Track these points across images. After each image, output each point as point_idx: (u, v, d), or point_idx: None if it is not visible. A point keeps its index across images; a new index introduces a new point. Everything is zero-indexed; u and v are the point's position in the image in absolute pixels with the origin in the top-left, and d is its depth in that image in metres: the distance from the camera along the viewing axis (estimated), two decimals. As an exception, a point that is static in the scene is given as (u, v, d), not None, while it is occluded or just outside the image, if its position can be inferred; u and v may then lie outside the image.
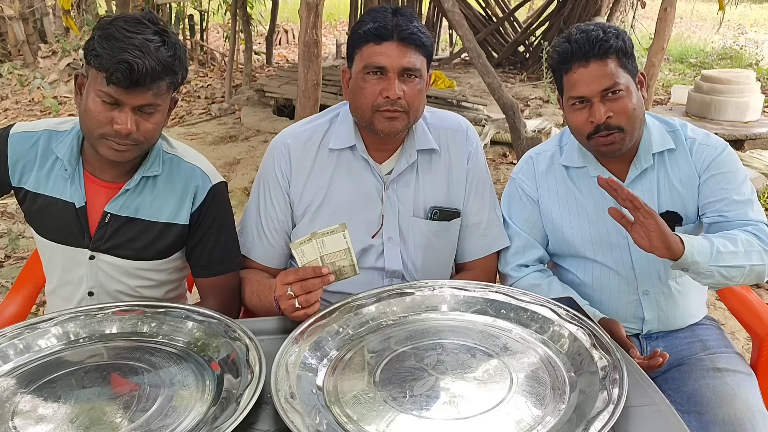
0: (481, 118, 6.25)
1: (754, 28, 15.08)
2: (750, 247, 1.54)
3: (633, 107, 1.60)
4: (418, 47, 1.57)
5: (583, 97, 1.60)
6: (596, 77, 1.58)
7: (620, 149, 1.63)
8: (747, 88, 6.41)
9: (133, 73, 1.37)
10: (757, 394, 1.60)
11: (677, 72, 10.36)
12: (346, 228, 1.39)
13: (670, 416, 1.12)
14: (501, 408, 1.12)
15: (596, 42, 1.57)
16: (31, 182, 1.59)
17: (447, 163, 1.74)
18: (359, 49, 1.59)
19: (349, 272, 1.43)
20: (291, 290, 1.38)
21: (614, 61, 1.58)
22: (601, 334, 1.28)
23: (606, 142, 1.61)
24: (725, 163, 1.65)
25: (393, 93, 1.55)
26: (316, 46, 3.69)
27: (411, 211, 1.71)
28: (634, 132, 1.63)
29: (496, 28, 10.54)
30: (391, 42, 1.55)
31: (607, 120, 1.58)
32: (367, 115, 1.60)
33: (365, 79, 1.57)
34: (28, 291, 1.92)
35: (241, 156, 5.97)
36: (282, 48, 12.87)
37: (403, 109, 1.57)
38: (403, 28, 1.55)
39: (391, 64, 1.55)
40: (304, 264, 1.40)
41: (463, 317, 1.44)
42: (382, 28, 1.55)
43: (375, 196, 1.70)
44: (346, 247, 1.40)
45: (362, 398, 1.17)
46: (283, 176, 1.71)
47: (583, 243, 1.76)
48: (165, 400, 1.18)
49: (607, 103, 1.59)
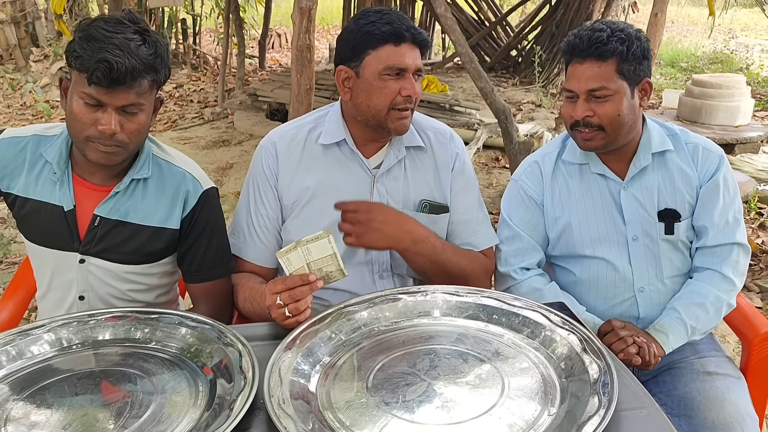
0: (474, 123, 6.27)
1: (744, 32, 15.20)
2: (718, 304, 1.70)
3: (618, 112, 1.63)
4: (424, 50, 1.65)
5: (573, 91, 1.66)
6: (587, 77, 1.63)
7: (597, 148, 1.69)
8: (737, 93, 6.44)
9: (113, 71, 1.37)
10: (746, 398, 1.62)
11: (668, 76, 10.43)
12: (330, 233, 1.39)
13: (660, 420, 1.13)
14: (493, 413, 1.13)
15: (595, 43, 1.61)
16: (19, 187, 1.59)
17: (433, 162, 1.77)
18: (374, 50, 1.60)
19: (338, 276, 1.43)
20: (280, 299, 1.38)
21: (611, 65, 1.61)
22: (592, 338, 1.29)
23: (584, 136, 1.68)
24: (725, 179, 1.73)
25: (414, 92, 1.62)
26: (309, 50, 3.69)
27: (400, 204, 1.73)
28: (618, 135, 1.66)
29: (488, 32, 10.56)
30: (407, 43, 1.61)
31: (586, 118, 1.64)
32: (381, 114, 1.63)
33: (385, 80, 1.60)
34: (20, 297, 1.91)
35: (233, 160, 5.97)
36: (275, 52, 12.86)
37: (413, 106, 1.65)
38: (415, 31, 1.62)
39: (410, 64, 1.61)
40: (291, 272, 1.40)
41: (456, 322, 1.44)
42: (400, 30, 1.60)
43: (364, 189, 1.72)
44: (331, 253, 1.40)
45: (355, 404, 1.18)
46: (271, 173, 1.73)
47: (583, 240, 1.78)
48: (158, 406, 1.18)
49: (592, 103, 1.64)
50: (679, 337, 1.66)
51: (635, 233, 1.73)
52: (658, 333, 1.66)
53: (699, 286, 1.71)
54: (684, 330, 1.66)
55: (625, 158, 1.74)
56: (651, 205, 1.73)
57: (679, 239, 1.73)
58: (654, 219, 1.72)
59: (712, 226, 1.70)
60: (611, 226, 1.75)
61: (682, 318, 1.67)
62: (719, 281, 1.70)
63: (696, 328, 1.67)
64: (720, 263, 1.71)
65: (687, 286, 1.75)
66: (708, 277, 1.71)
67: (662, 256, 1.73)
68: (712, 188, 1.71)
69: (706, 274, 1.72)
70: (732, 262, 1.71)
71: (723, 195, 1.71)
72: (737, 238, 1.71)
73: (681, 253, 1.75)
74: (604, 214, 1.76)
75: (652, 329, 1.68)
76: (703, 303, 1.68)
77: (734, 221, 1.72)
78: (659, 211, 1.72)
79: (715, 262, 1.71)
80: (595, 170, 1.76)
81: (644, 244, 1.73)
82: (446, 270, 1.69)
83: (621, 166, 1.75)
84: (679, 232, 1.72)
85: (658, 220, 1.72)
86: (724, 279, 1.70)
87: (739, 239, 1.72)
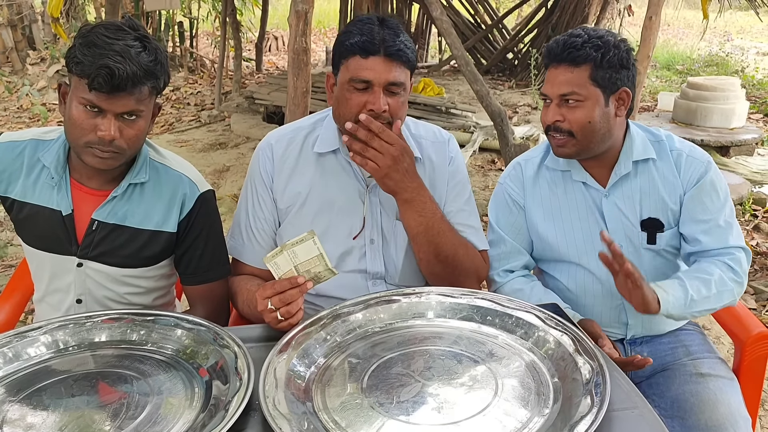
0: (470, 125, 6.29)
1: (739, 35, 15.25)
2: (722, 287, 1.62)
3: (589, 119, 1.62)
4: (403, 62, 1.58)
5: (546, 95, 1.67)
6: (559, 81, 1.64)
7: (570, 155, 1.69)
8: (732, 95, 6.47)
9: (114, 77, 1.37)
10: (739, 399, 1.63)
11: (664, 79, 10.46)
12: (315, 234, 1.39)
13: (652, 420, 1.14)
14: (487, 413, 1.14)
15: (569, 48, 1.61)
16: (17, 191, 1.60)
17: (429, 171, 1.76)
18: (345, 60, 1.59)
19: (327, 275, 1.43)
20: (271, 304, 1.38)
21: (584, 71, 1.61)
22: (585, 339, 1.30)
23: (556, 142, 1.68)
24: (713, 184, 1.69)
25: (378, 107, 1.55)
26: (306, 53, 3.69)
27: (394, 215, 1.72)
28: (590, 143, 1.65)
29: (484, 35, 10.58)
30: (378, 57, 1.55)
31: (556, 123, 1.65)
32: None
33: (350, 91, 1.57)
34: (16, 299, 1.92)
35: (230, 163, 5.97)
36: (272, 55, 12.87)
37: (387, 121, 1.58)
38: (390, 43, 1.55)
39: (377, 78, 1.55)
40: (280, 276, 1.40)
41: (449, 324, 1.45)
42: (369, 42, 1.54)
43: (357, 198, 1.71)
44: (318, 254, 1.39)
45: (350, 405, 1.19)
46: (267, 175, 1.73)
47: (568, 247, 1.78)
48: (154, 407, 1.19)
49: (563, 108, 1.64)
50: (677, 301, 1.57)
51: (618, 241, 1.69)
52: (658, 288, 1.58)
53: (706, 266, 1.65)
54: (684, 296, 1.58)
55: (606, 165, 1.73)
56: (633, 214, 1.72)
57: (662, 248, 1.72)
58: (636, 228, 1.71)
59: (702, 232, 1.67)
60: (595, 235, 1.73)
61: (685, 285, 1.60)
62: (726, 269, 1.65)
63: (695, 301, 1.59)
64: (724, 260, 1.66)
65: (694, 264, 1.70)
66: (715, 262, 1.66)
67: (647, 264, 1.72)
68: (697, 193, 1.68)
69: (714, 260, 1.67)
70: (736, 260, 1.66)
71: (710, 199, 1.68)
72: (733, 242, 1.68)
73: (665, 259, 1.75)
74: (588, 222, 1.75)
75: (654, 284, 1.60)
76: (708, 280, 1.61)
77: (727, 225, 1.69)
78: (642, 221, 1.71)
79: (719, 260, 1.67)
80: (577, 178, 1.75)
81: (627, 252, 1.70)
82: (439, 246, 1.65)
83: (603, 173, 1.74)
84: (662, 242, 1.71)
85: (641, 229, 1.71)
86: (731, 269, 1.65)
87: (736, 242, 1.69)
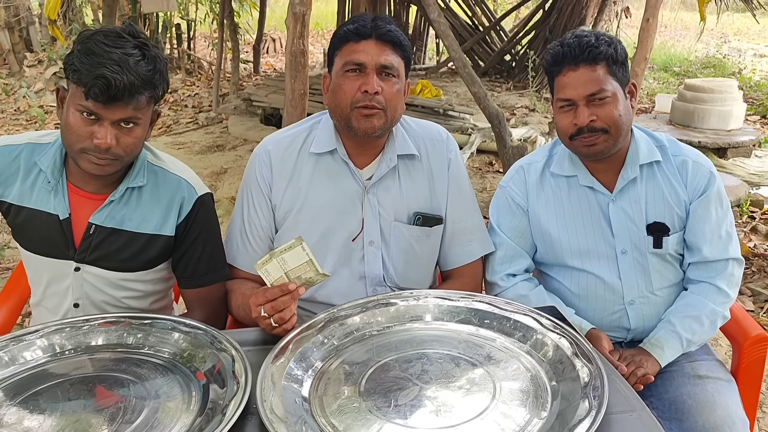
0: (468, 127, 6.28)
1: (737, 37, 15.27)
2: (713, 317, 1.69)
3: (618, 114, 1.63)
4: (396, 46, 1.62)
5: (570, 99, 1.64)
6: (583, 82, 1.62)
7: (602, 152, 1.66)
8: (730, 97, 6.48)
9: (111, 88, 1.37)
10: (737, 401, 1.63)
11: (661, 80, 10.47)
12: (303, 241, 1.38)
13: (650, 423, 1.14)
14: (485, 416, 1.14)
15: (587, 47, 1.61)
16: (14, 195, 1.59)
17: (428, 171, 1.75)
18: (339, 50, 1.64)
19: (319, 279, 1.42)
20: (264, 311, 1.38)
21: (603, 68, 1.62)
22: (583, 342, 1.29)
23: (587, 143, 1.65)
24: (719, 194, 1.72)
25: (371, 87, 1.58)
26: (303, 55, 3.69)
27: (393, 216, 1.72)
28: (619, 137, 1.65)
29: (482, 37, 10.58)
30: (370, 40, 1.61)
31: (590, 123, 1.62)
32: (345, 113, 1.61)
33: (345, 77, 1.61)
34: (13, 302, 1.91)
35: (228, 165, 5.96)
36: (269, 57, 12.86)
37: (381, 106, 1.60)
38: (381, 28, 1.61)
39: (369, 60, 1.59)
40: (271, 283, 1.40)
41: (447, 327, 1.45)
42: (362, 27, 1.61)
43: (355, 199, 1.71)
44: (307, 259, 1.39)
45: (347, 408, 1.18)
46: (265, 182, 1.73)
47: (572, 252, 1.78)
48: (151, 411, 1.18)
49: (592, 108, 1.63)
50: (674, 350, 1.66)
51: (624, 246, 1.72)
52: (653, 347, 1.66)
53: (694, 299, 1.71)
54: (679, 343, 1.67)
55: (613, 169, 1.73)
56: (639, 218, 1.72)
57: (668, 252, 1.73)
58: (642, 232, 1.72)
59: (705, 242, 1.69)
60: (600, 239, 1.74)
61: (677, 331, 1.67)
62: (714, 294, 1.70)
63: (691, 341, 1.68)
64: (715, 277, 1.70)
65: (682, 298, 1.74)
66: (703, 290, 1.71)
67: (651, 269, 1.73)
68: (704, 205, 1.69)
69: (701, 286, 1.72)
70: (727, 276, 1.71)
71: (716, 210, 1.70)
72: (731, 253, 1.71)
73: (671, 264, 1.75)
74: (593, 227, 1.75)
75: (648, 343, 1.68)
76: (699, 316, 1.68)
77: (727, 236, 1.71)
78: (648, 225, 1.71)
79: (710, 276, 1.71)
80: (584, 183, 1.75)
81: (633, 257, 1.72)
82: None
83: (609, 177, 1.74)
84: (668, 246, 1.72)
85: (646, 233, 1.72)
86: (719, 292, 1.70)
87: (734, 254, 1.72)
